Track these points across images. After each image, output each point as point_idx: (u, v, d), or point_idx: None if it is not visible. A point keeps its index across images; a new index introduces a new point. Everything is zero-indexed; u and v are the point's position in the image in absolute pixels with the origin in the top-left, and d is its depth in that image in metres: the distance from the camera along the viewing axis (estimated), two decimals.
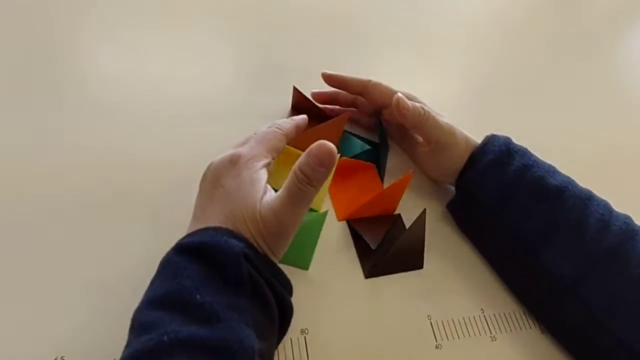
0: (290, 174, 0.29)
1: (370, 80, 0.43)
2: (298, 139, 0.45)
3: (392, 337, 0.37)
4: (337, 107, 0.48)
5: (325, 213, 0.38)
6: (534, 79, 0.67)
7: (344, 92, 0.46)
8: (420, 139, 0.45)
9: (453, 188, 0.45)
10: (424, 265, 0.41)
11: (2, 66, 0.46)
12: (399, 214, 0.44)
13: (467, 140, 0.42)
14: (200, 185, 0.33)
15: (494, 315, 0.40)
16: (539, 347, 0.39)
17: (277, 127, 0.35)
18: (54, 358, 0.30)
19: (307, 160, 0.29)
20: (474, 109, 0.58)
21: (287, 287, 0.31)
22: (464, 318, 0.39)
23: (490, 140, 0.41)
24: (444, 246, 0.43)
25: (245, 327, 0.25)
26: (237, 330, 0.24)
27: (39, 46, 0.49)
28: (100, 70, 0.49)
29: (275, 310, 0.29)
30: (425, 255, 0.41)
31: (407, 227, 0.40)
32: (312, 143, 0.44)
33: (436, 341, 0.37)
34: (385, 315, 0.38)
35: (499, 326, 0.39)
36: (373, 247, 0.39)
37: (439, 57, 0.65)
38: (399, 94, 0.41)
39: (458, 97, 0.60)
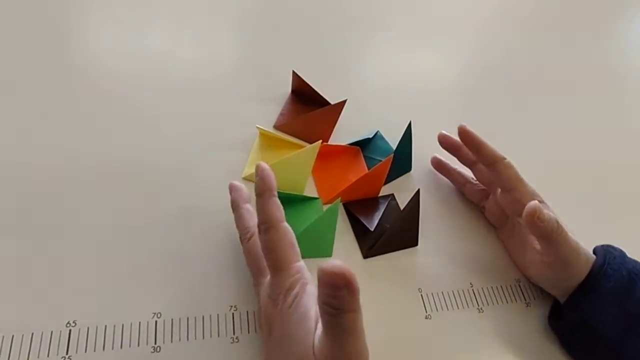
0: (318, 309, 0.26)
1: (504, 159, 0.41)
2: (293, 125, 0.47)
3: (385, 309, 0.39)
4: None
5: (339, 201, 0.40)
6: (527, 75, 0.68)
7: (468, 150, 0.44)
8: (536, 244, 0.40)
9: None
10: (418, 242, 0.43)
11: (8, 44, 0.47)
12: (392, 194, 0.45)
13: (586, 257, 0.38)
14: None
15: (482, 289, 0.42)
16: (524, 319, 0.41)
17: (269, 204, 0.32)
18: (66, 322, 0.32)
19: (323, 291, 0.24)
20: (468, 95, 0.60)
21: None
22: (453, 291, 0.41)
23: (608, 260, 0.38)
24: (436, 224, 0.45)
25: None
26: None
27: (46, 25, 0.50)
28: (104, 51, 0.50)
29: None
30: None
31: (401, 208, 0.42)
32: (308, 128, 0.46)
33: (426, 312, 0.39)
34: (379, 289, 0.40)
35: (486, 299, 0.42)
36: (371, 229, 0.40)
37: (436, 41, 0.67)
38: (536, 202, 0.37)
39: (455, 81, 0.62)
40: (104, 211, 0.38)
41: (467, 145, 0.43)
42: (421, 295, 0.40)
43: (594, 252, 0.40)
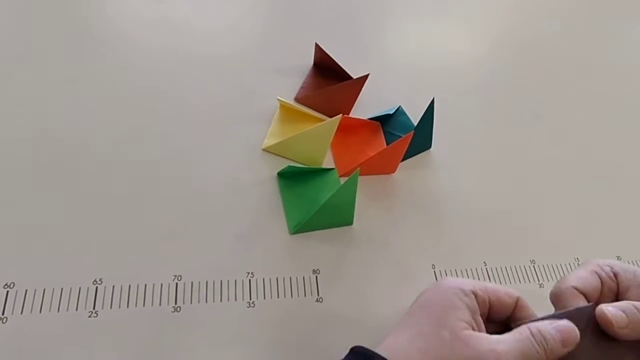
0: (524, 328, 0.27)
1: None
2: (314, 98, 0.47)
3: (398, 280, 0.39)
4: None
5: (358, 171, 0.39)
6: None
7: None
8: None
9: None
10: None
11: (32, 9, 0.48)
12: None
13: None
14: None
15: (496, 268, 0.42)
16: (536, 300, 0.41)
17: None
18: (93, 280, 0.34)
19: (552, 333, 0.27)
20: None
21: None
22: (466, 269, 0.42)
23: None
24: (453, 203, 0.45)
25: None
26: None
27: None
28: (126, 23, 0.51)
29: None
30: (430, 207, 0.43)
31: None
32: (329, 102, 0.46)
33: None
34: (390, 263, 0.40)
35: (499, 278, 0.42)
36: None
37: (463, 17, 0.65)
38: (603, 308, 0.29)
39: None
40: (130, 178, 0.39)
41: None
42: (434, 272, 0.41)
43: None
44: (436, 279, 0.40)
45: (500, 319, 0.31)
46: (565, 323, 0.28)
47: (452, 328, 0.27)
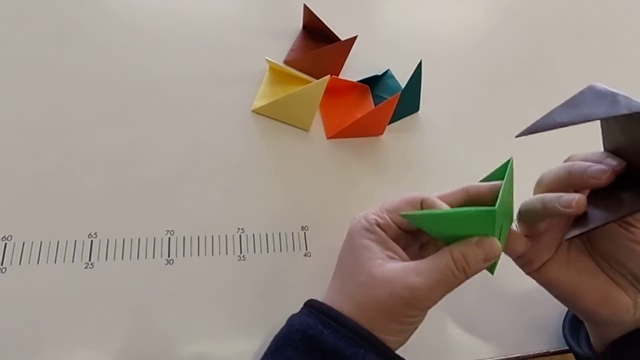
0: (446, 254, 0.27)
1: None
2: (303, 60, 0.47)
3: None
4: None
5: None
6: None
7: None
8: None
9: None
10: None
11: None
12: None
13: None
14: None
15: None
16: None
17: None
18: (88, 233, 0.35)
19: (475, 251, 0.27)
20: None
21: None
22: None
23: None
24: (439, 168, 0.46)
25: None
26: None
27: None
28: None
29: None
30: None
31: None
32: (318, 64, 0.47)
33: None
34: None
35: None
36: None
37: None
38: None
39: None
40: (123, 138, 0.40)
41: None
42: None
43: None
44: None
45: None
46: (487, 241, 0.27)
47: (366, 270, 0.28)
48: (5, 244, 0.33)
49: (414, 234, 0.32)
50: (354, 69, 0.49)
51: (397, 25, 0.56)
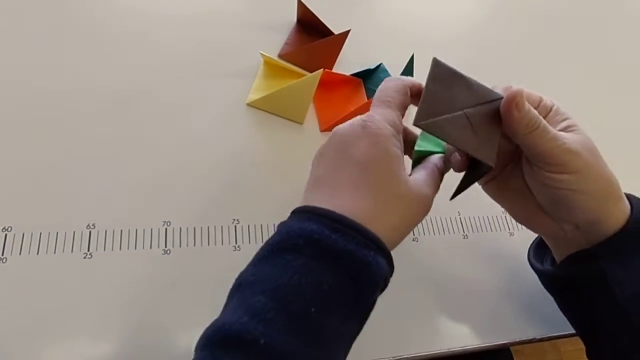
0: (432, 166, 0.33)
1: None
2: (297, 54, 0.48)
3: None
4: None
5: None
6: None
7: None
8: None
9: None
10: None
11: None
12: None
13: (609, 195, 0.32)
14: (319, 155, 0.31)
15: (469, 217, 0.45)
16: (506, 246, 0.44)
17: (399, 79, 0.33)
18: (86, 224, 0.36)
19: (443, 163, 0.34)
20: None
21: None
22: (441, 217, 0.44)
23: None
24: None
25: (341, 357, 0.26)
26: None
27: None
28: None
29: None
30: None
31: None
32: (312, 58, 0.47)
33: (413, 235, 0.42)
34: None
35: (471, 227, 0.44)
36: None
37: None
38: (523, 89, 0.30)
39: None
40: (120, 131, 0.40)
41: None
42: None
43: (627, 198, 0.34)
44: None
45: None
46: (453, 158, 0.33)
47: (403, 182, 0.29)
48: (6, 234, 0.34)
49: None
50: (347, 63, 0.50)
51: (390, 19, 0.57)
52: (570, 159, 0.30)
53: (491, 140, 0.31)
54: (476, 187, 0.47)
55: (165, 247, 0.36)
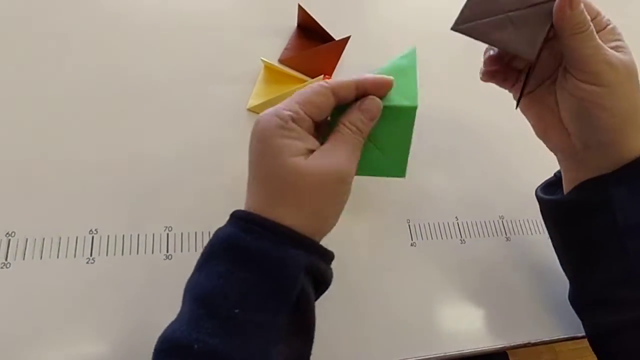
0: (339, 128, 0.31)
1: None
2: (297, 59, 0.48)
3: (374, 234, 0.42)
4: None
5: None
6: None
7: None
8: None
9: None
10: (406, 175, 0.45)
11: None
12: None
13: (632, 121, 0.32)
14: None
15: (466, 222, 0.46)
16: (503, 252, 0.45)
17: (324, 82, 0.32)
18: (89, 229, 0.36)
19: (360, 115, 0.31)
20: None
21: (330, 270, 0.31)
22: (438, 223, 0.45)
23: None
24: (428, 158, 0.48)
25: (272, 353, 0.26)
26: (260, 355, 0.26)
27: None
28: None
29: (313, 319, 0.30)
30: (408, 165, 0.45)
31: None
32: (312, 63, 0.48)
33: (411, 240, 0.43)
34: (370, 217, 0.43)
35: (469, 232, 0.45)
36: None
37: None
38: None
39: None
40: (120, 137, 0.41)
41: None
42: (409, 225, 0.44)
43: None
44: (409, 232, 0.43)
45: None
46: (367, 102, 0.31)
47: (292, 169, 0.29)
48: (9, 239, 0.34)
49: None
50: (348, 68, 0.50)
51: (390, 24, 0.57)
52: (604, 70, 0.31)
53: (534, 38, 0.31)
54: (474, 190, 0.47)
55: (167, 252, 0.37)
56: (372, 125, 0.32)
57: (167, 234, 0.37)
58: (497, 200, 0.48)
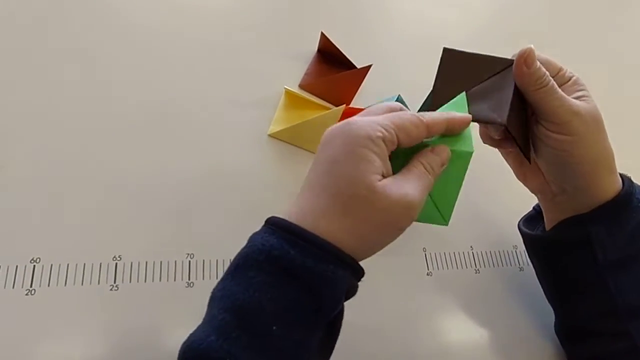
0: (415, 164, 0.29)
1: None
2: (318, 85, 0.49)
3: (391, 264, 0.43)
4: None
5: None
6: None
7: None
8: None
9: None
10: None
11: None
12: None
13: (603, 166, 0.35)
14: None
15: (481, 252, 0.46)
16: (516, 281, 0.45)
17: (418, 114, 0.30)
18: (112, 256, 0.36)
19: (436, 158, 0.30)
20: None
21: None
22: (454, 252, 0.45)
23: (637, 188, 0.36)
24: None
25: None
26: None
27: None
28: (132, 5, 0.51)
29: (337, 339, 0.29)
30: None
31: None
32: (332, 89, 0.48)
33: (428, 269, 0.43)
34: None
35: (483, 261, 0.46)
36: None
37: (468, 7, 0.66)
38: (533, 48, 0.33)
39: None
40: (143, 160, 0.41)
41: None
42: (425, 255, 0.44)
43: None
44: (426, 261, 0.44)
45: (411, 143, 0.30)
46: (441, 147, 0.31)
47: (368, 184, 0.27)
48: (34, 265, 0.34)
49: None
50: (368, 95, 0.50)
51: (411, 52, 0.58)
52: (571, 120, 0.33)
53: (501, 102, 0.33)
54: (489, 221, 0.48)
55: (189, 279, 0.37)
56: (442, 171, 0.31)
57: (189, 261, 0.38)
58: (510, 230, 0.48)
